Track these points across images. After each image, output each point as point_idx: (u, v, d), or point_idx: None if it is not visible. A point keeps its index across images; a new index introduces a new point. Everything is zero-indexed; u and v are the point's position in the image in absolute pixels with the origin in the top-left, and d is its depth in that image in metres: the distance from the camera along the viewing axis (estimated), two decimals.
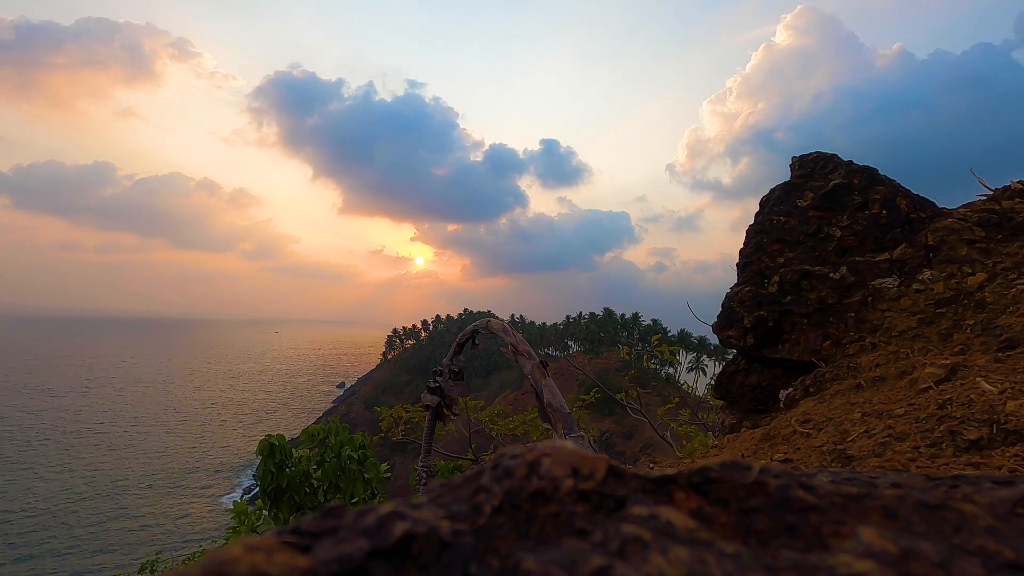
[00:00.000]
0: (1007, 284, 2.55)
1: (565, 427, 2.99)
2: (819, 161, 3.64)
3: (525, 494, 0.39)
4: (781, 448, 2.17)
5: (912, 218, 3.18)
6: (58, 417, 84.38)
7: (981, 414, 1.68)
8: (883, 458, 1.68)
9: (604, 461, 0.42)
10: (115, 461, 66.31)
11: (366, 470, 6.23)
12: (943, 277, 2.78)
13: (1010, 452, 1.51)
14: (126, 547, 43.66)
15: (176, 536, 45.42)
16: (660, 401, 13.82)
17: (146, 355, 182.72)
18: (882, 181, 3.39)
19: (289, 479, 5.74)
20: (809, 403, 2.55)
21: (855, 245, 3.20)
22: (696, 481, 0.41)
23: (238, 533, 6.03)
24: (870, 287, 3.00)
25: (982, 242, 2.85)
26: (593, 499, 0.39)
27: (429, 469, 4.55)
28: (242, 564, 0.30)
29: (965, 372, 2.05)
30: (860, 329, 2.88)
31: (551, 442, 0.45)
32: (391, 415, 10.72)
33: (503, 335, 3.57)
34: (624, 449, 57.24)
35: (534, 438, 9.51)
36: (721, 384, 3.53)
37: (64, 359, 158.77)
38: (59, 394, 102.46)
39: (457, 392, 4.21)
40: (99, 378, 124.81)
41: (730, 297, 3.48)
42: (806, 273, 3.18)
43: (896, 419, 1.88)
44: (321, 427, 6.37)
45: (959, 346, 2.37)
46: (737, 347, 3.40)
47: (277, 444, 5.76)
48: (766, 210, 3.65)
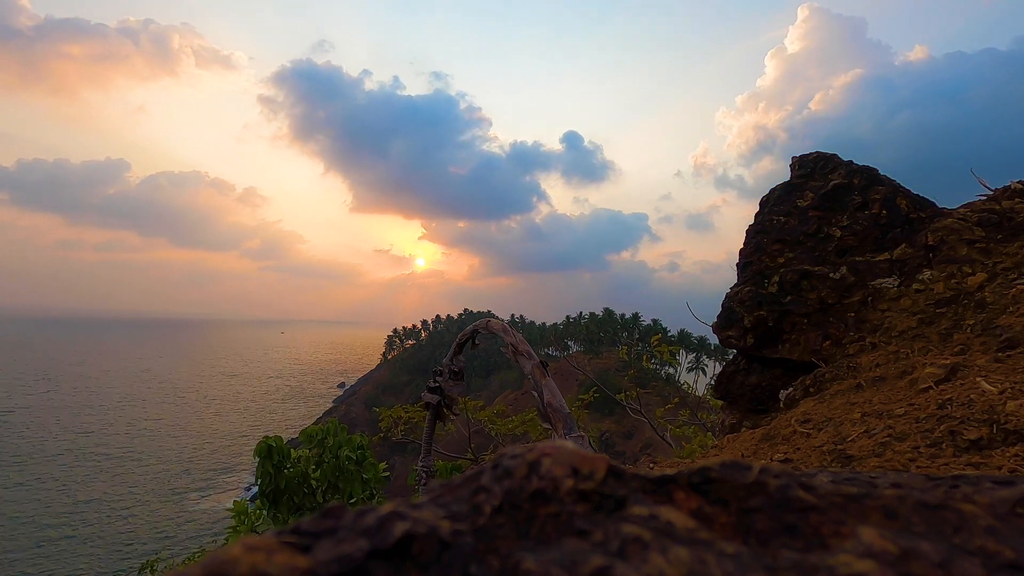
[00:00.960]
0: (1007, 284, 2.55)
1: (565, 427, 2.99)
2: (819, 161, 3.64)
3: (525, 494, 0.39)
4: (781, 448, 2.17)
5: (912, 218, 3.18)
6: (58, 416, 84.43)
7: (981, 414, 1.68)
8: (883, 458, 1.68)
9: (604, 461, 0.42)
10: (115, 461, 66.33)
11: (364, 470, 6.23)
12: (943, 277, 2.78)
13: (1010, 452, 1.51)
14: (126, 547, 43.67)
15: (176, 536, 45.43)
16: (660, 401, 13.82)
17: (148, 356, 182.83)
18: (882, 181, 3.39)
19: (287, 480, 5.74)
20: (809, 403, 2.55)
21: (855, 245, 3.20)
22: (696, 481, 0.41)
23: (238, 533, 6.02)
24: (870, 287, 3.00)
25: (982, 242, 2.85)
26: (593, 499, 0.39)
27: (429, 469, 4.55)
28: (242, 564, 0.30)
29: (965, 372, 2.05)
30: (860, 329, 2.88)
31: (551, 442, 0.45)
32: (391, 415, 10.72)
33: (503, 335, 3.57)
34: (624, 449, 57.23)
35: (534, 438, 9.51)
36: (721, 384, 3.53)
37: (68, 359, 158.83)
38: (62, 394, 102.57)
39: (457, 392, 4.22)
40: (100, 378, 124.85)
41: (730, 297, 3.48)
42: (806, 273, 3.18)
43: (896, 419, 1.88)
44: (319, 428, 6.37)
45: (959, 346, 2.37)
46: (737, 347, 3.40)
47: (275, 445, 5.76)
48: (766, 210, 3.66)
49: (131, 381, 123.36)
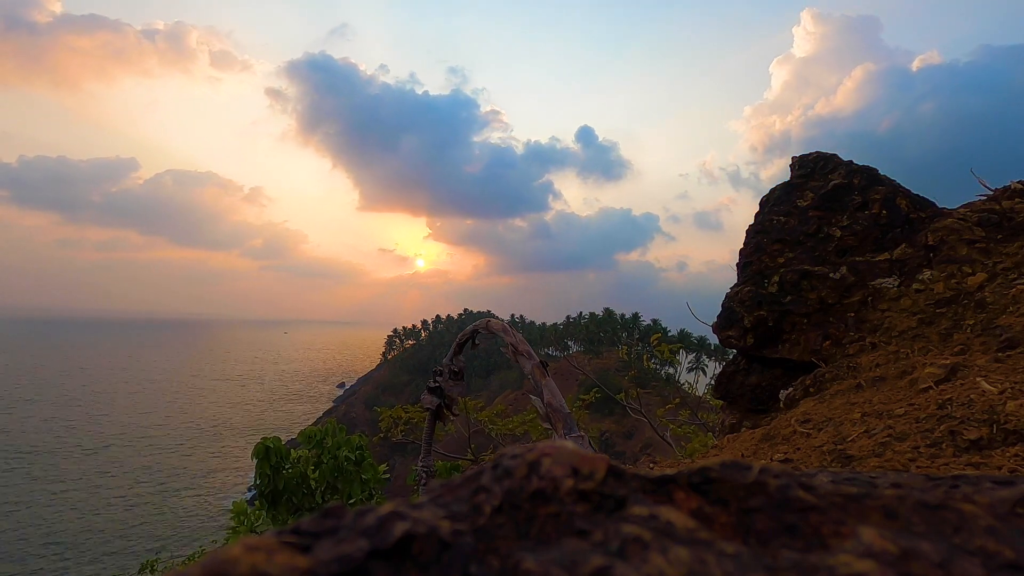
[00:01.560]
0: (1007, 284, 2.56)
1: (565, 427, 3.00)
2: (819, 161, 3.64)
3: (525, 494, 0.39)
4: (781, 448, 2.17)
5: (912, 218, 3.18)
6: (56, 415, 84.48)
7: (981, 414, 1.68)
8: (883, 458, 1.68)
9: (604, 461, 0.42)
10: (115, 461, 66.34)
11: (363, 471, 6.23)
12: (943, 277, 2.78)
13: (1010, 452, 1.51)
14: (125, 547, 43.66)
15: (176, 536, 45.42)
16: (660, 401, 13.82)
17: (152, 358, 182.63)
18: (882, 181, 3.39)
19: (286, 481, 5.74)
20: (809, 403, 2.55)
21: (855, 245, 3.20)
22: (696, 481, 0.41)
23: (238, 533, 6.02)
24: (870, 287, 3.00)
25: (982, 242, 2.85)
26: (593, 499, 0.39)
27: (429, 469, 4.55)
28: (242, 564, 0.30)
29: (965, 372, 2.05)
30: (860, 329, 2.88)
31: (551, 442, 0.45)
32: (390, 415, 10.71)
33: (503, 335, 3.57)
34: (624, 449, 57.21)
35: (534, 438, 9.51)
36: (721, 384, 3.53)
37: (79, 361, 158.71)
38: (63, 392, 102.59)
39: (457, 392, 4.21)
40: (102, 380, 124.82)
41: (730, 297, 3.48)
42: (806, 273, 3.18)
43: (896, 419, 1.88)
44: (318, 428, 6.37)
45: (959, 346, 2.37)
46: (737, 347, 3.40)
47: (272, 447, 5.76)
48: (766, 210, 3.66)
49: (132, 380, 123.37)
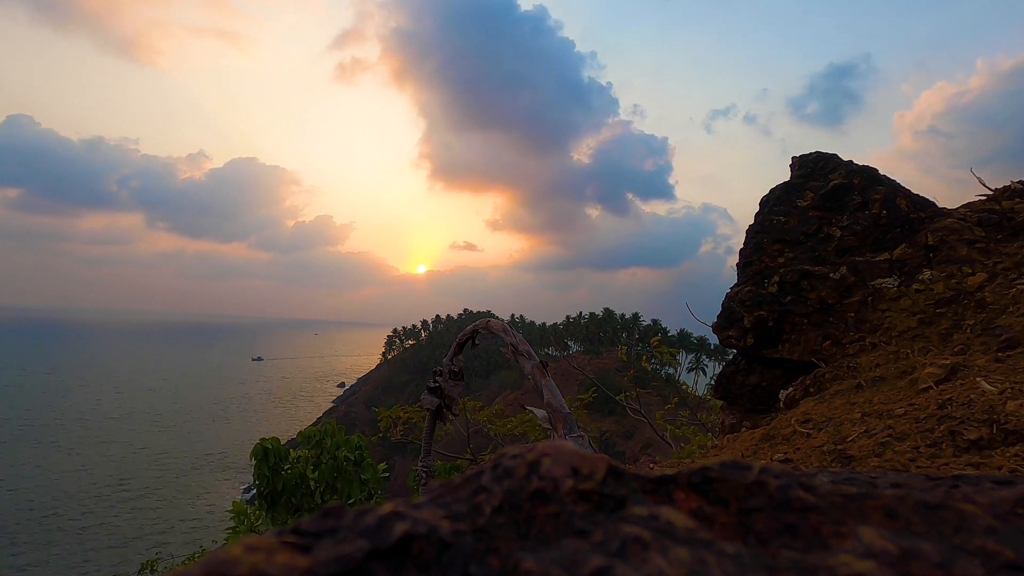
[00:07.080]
0: (1007, 284, 2.56)
1: (565, 427, 3.00)
2: (819, 161, 3.64)
3: (525, 494, 0.39)
4: (781, 448, 2.17)
5: (912, 218, 3.18)
6: (56, 415, 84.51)
7: (981, 414, 1.68)
8: (883, 458, 1.68)
9: (604, 461, 0.42)
10: (114, 462, 66.35)
11: (363, 471, 6.23)
12: (943, 277, 2.78)
13: (1010, 452, 1.51)
14: (125, 547, 43.66)
15: (176, 536, 45.42)
16: (660, 401, 13.81)
17: (161, 362, 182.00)
18: (882, 181, 3.39)
19: (285, 481, 5.74)
20: (809, 403, 2.55)
21: (855, 245, 3.20)
22: (696, 481, 0.41)
23: (238, 533, 6.02)
24: (870, 287, 3.00)
25: (982, 242, 2.85)
26: (593, 499, 0.39)
27: (429, 469, 4.54)
28: (242, 564, 0.30)
29: (965, 372, 2.05)
30: (860, 329, 2.88)
31: (551, 442, 0.45)
32: (390, 415, 10.71)
33: (503, 335, 3.57)
34: (624, 449, 57.23)
35: (533, 438, 9.51)
36: (721, 384, 3.53)
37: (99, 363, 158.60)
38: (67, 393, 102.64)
39: (457, 392, 4.21)
40: (127, 380, 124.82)
41: (730, 297, 3.48)
42: (806, 273, 3.18)
43: (896, 419, 1.88)
44: (317, 429, 6.37)
45: (959, 346, 2.37)
46: (737, 347, 3.40)
47: (271, 447, 5.76)
48: (766, 210, 3.65)
49: (148, 382, 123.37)
